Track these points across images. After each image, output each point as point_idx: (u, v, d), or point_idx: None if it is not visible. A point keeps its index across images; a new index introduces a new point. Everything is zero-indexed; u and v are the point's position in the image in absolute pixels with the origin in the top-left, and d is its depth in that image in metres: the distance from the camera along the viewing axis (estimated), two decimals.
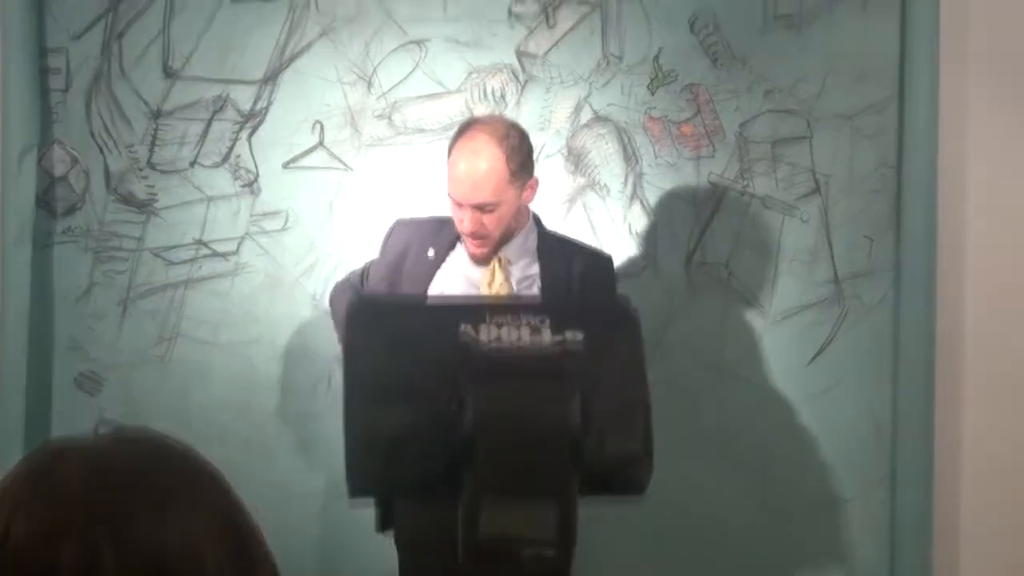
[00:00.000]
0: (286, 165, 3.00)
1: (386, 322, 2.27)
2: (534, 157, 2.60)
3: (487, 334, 2.17)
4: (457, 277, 2.60)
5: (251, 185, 3.01)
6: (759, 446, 2.97)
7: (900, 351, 2.93)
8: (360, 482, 2.22)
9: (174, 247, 3.02)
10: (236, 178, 3.01)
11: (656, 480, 2.90)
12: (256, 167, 3.01)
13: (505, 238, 2.56)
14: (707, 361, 2.96)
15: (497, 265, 2.57)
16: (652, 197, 2.96)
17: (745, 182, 2.94)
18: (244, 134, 3.00)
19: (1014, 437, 2.93)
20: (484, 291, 2.56)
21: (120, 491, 0.77)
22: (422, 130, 2.98)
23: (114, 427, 0.82)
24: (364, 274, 2.75)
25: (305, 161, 3.00)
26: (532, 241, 2.63)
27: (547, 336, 2.17)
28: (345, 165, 3.00)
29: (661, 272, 2.96)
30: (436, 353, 2.18)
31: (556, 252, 2.63)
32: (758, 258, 2.96)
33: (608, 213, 2.96)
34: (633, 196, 2.96)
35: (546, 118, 2.95)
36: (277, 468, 3.00)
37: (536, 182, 2.58)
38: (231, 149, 3.01)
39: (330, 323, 2.97)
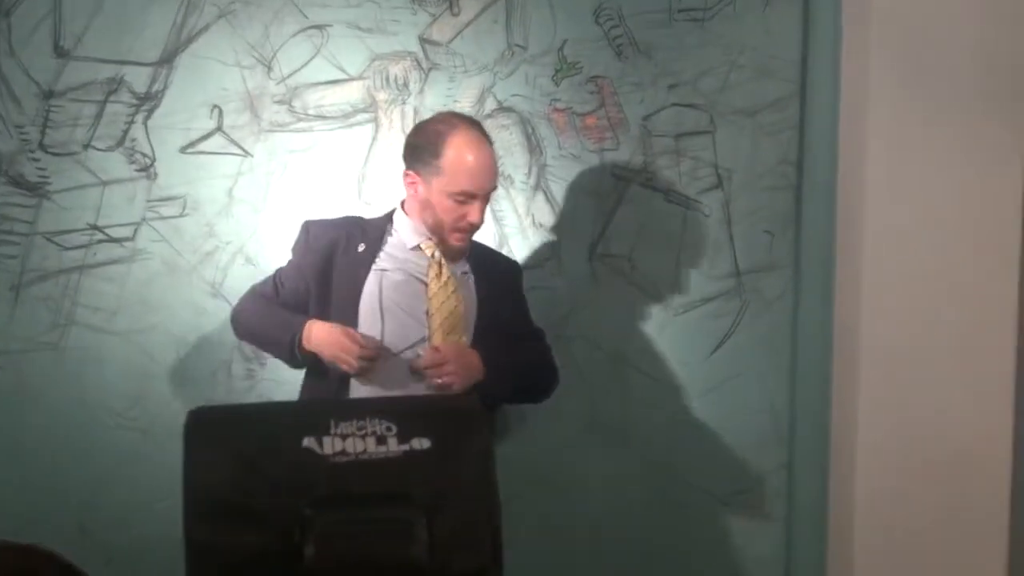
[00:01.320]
0: (183, 150, 3.00)
1: (225, 434, 2.14)
2: None
3: (331, 447, 2.08)
4: (402, 271, 2.62)
5: (147, 169, 3.00)
6: (659, 437, 3.05)
7: (798, 344, 3.03)
8: None
9: (68, 232, 3.01)
10: (132, 162, 3.00)
11: (556, 469, 3.00)
12: (152, 151, 3.00)
13: None
14: (609, 352, 3.03)
15: (443, 261, 2.62)
16: (556, 188, 3.01)
17: (648, 175, 3.00)
18: (140, 117, 2.99)
19: (908, 428, 3.04)
20: (433, 285, 2.60)
21: None
22: (323, 116, 2.99)
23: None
24: (276, 281, 2.73)
25: (203, 146, 3.00)
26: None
27: (393, 445, 2.08)
28: (244, 151, 3.00)
29: (564, 264, 3.02)
30: (278, 470, 2.08)
31: (479, 256, 2.71)
32: (660, 251, 3.02)
33: (511, 204, 3.01)
34: (537, 187, 3.00)
35: (449, 107, 2.97)
36: (173, 457, 3.01)
37: None
38: (126, 132, 3.00)
39: (228, 309, 2.99)
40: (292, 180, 3.00)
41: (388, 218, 2.69)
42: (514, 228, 3.00)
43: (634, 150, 3.00)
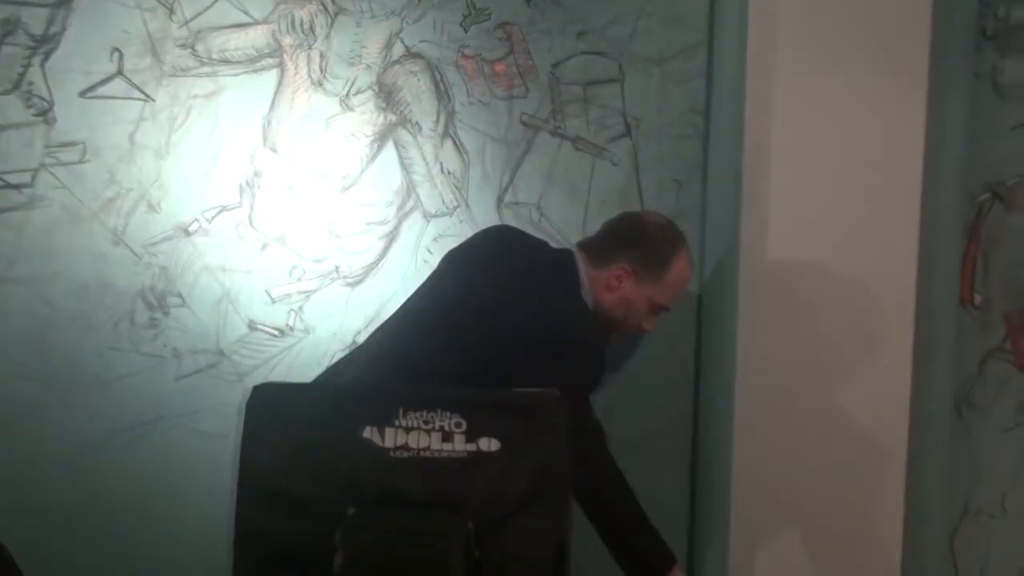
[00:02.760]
0: (83, 94, 3.00)
1: (286, 414, 2.16)
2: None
3: (393, 439, 2.07)
4: None
5: (45, 114, 3.00)
6: None
7: (705, 292, 3.12)
8: None
9: None
10: (29, 106, 2.99)
11: None
12: (51, 95, 2.99)
13: None
14: None
15: None
16: (464, 136, 3.05)
17: (557, 123, 3.06)
18: (37, 60, 2.98)
19: (811, 376, 3.16)
20: None
21: None
22: (227, 61, 3.01)
23: None
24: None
25: (103, 90, 3.00)
26: None
27: (459, 444, 2.07)
28: (146, 95, 3.01)
29: (472, 212, 3.07)
30: (331, 460, 2.09)
31: None
32: (569, 199, 3.09)
33: (420, 151, 3.05)
34: (445, 134, 3.05)
35: (356, 52, 3.00)
36: (77, 405, 3.05)
37: None
38: (23, 75, 2.98)
39: (131, 257, 3.02)
40: (196, 126, 3.01)
41: (574, 298, 2.60)
42: (422, 176, 3.05)
43: (543, 98, 3.05)
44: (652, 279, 2.64)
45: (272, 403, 2.17)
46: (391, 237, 3.05)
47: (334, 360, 2.97)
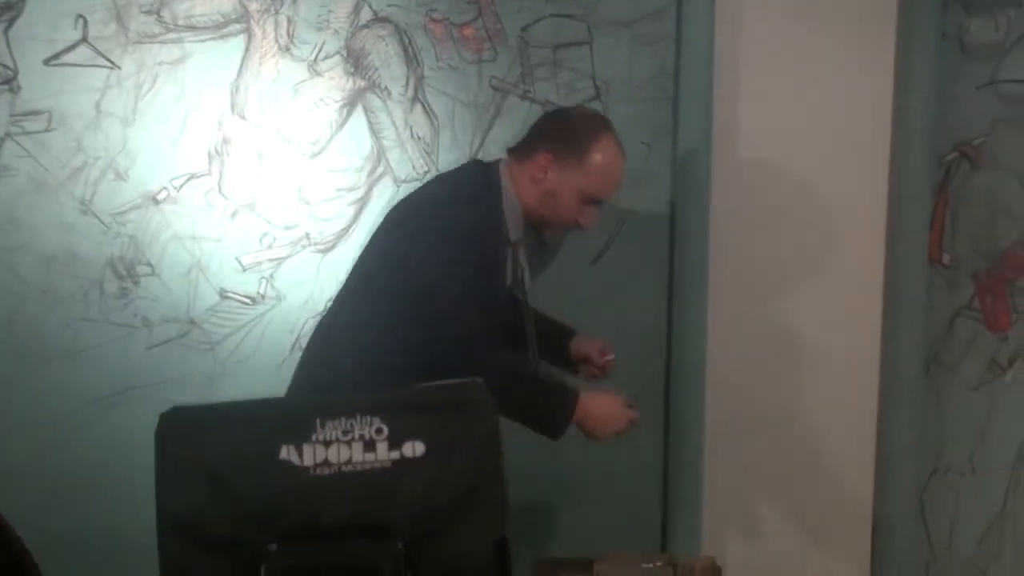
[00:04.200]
0: (47, 62, 3.02)
1: (197, 441, 2.06)
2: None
3: (312, 456, 2.00)
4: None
5: (10, 83, 3.02)
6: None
7: (676, 255, 3.19)
8: None
9: None
10: None
11: None
12: (15, 63, 3.01)
13: None
14: None
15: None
16: (434, 100, 3.10)
17: (526, 87, 3.11)
18: (0, 27, 3.00)
19: (781, 335, 3.24)
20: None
21: None
22: (193, 27, 3.03)
23: None
24: (476, 312, 2.43)
25: (68, 58, 3.02)
26: None
27: (382, 452, 2.01)
28: (112, 63, 3.03)
29: None
30: (248, 491, 2.01)
31: None
32: None
33: (389, 116, 3.09)
34: (415, 99, 3.09)
35: (324, 17, 3.04)
36: (47, 377, 3.08)
37: None
38: None
39: (99, 226, 3.05)
40: (163, 93, 3.04)
41: (497, 193, 2.56)
42: (392, 141, 3.09)
43: (512, 61, 3.10)
44: (576, 164, 2.54)
45: (183, 431, 2.08)
46: (362, 203, 3.10)
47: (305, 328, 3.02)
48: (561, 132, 2.58)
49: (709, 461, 3.26)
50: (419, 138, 3.11)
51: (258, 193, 3.08)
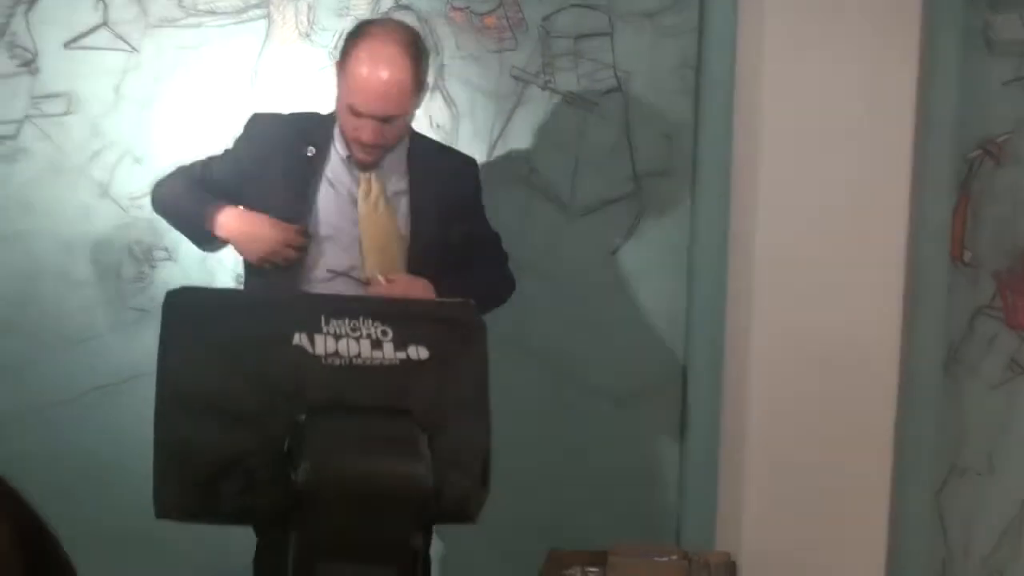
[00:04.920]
0: (67, 45, 3.04)
1: (209, 320, 2.10)
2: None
3: (324, 347, 2.04)
4: (336, 180, 2.61)
5: (29, 65, 3.04)
6: (556, 341, 3.21)
7: (695, 248, 3.20)
8: (169, 506, 2.08)
9: None
10: (12, 57, 3.04)
11: None
12: (35, 46, 3.04)
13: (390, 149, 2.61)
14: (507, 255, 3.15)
15: (373, 176, 2.61)
16: (454, 90, 3.11)
17: (547, 77, 3.12)
18: (20, 9, 3.02)
19: (800, 332, 3.24)
20: (361, 203, 2.60)
21: None
22: (213, 12, 3.05)
23: None
24: (204, 166, 2.70)
25: (88, 41, 3.05)
26: (404, 149, 2.67)
27: (389, 351, 2.06)
28: (131, 46, 3.05)
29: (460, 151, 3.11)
30: (269, 368, 2.04)
31: (424, 162, 2.68)
32: (559, 154, 3.16)
33: None
34: (435, 88, 3.10)
35: (345, 4, 3.05)
36: (62, 361, 3.11)
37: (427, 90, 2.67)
38: (6, 25, 3.03)
39: (117, 210, 3.07)
40: (182, 78, 3.06)
41: (334, 118, 2.62)
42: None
43: (533, 51, 3.11)
44: (341, 75, 2.53)
45: (192, 308, 2.12)
46: None
47: None
48: (343, 43, 2.58)
49: (724, 455, 3.26)
50: (439, 127, 3.12)
51: None
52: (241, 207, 2.59)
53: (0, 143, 3.05)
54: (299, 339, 2.03)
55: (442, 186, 2.68)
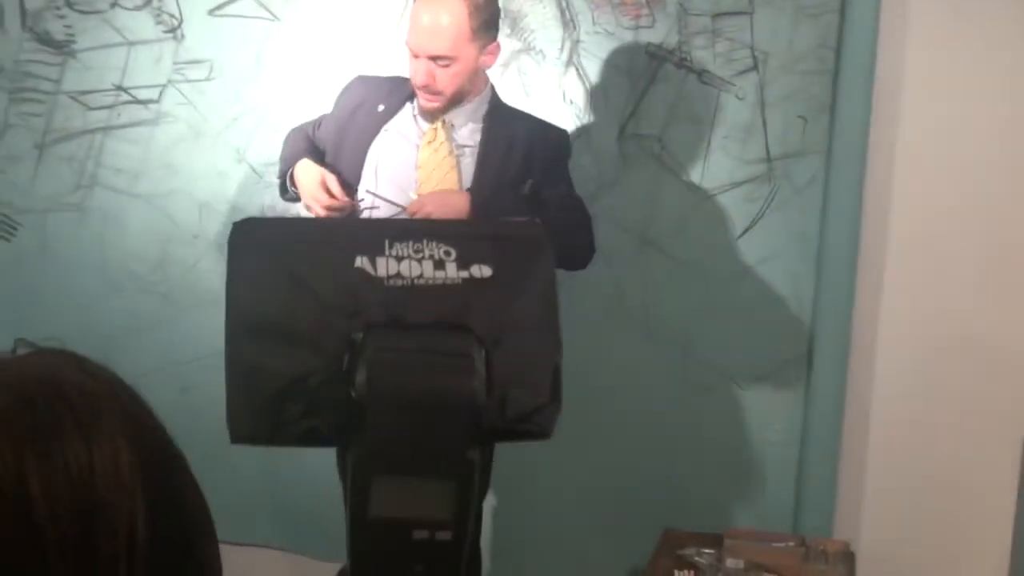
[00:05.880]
0: (212, 12, 3.13)
1: (273, 248, 2.18)
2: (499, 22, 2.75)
3: (385, 268, 2.10)
4: (400, 132, 2.75)
5: (174, 31, 3.14)
6: (682, 321, 3.22)
7: (826, 232, 3.18)
8: (240, 430, 2.19)
9: (93, 92, 3.16)
10: (159, 23, 3.14)
11: (576, 352, 3.17)
12: (180, 12, 3.13)
13: (457, 99, 2.71)
14: (634, 234, 3.18)
15: (440, 125, 2.74)
16: (588, 65, 3.13)
17: (683, 55, 3.12)
18: None
19: (931, 321, 3.21)
20: (424, 150, 2.72)
21: (44, 415, 0.76)
22: None
23: (32, 349, 0.82)
24: (317, 124, 2.89)
25: (231, 9, 3.13)
26: (482, 109, 2.78)
27: (452, 271, 2.11)
28: (273, 15, 3.13)
29: (593, 142, 3.15)
30: (328, 290, 2.11)
31: (502, 123, 2.77)
32: (691, 133, 3.16)
33: (543, 79, 3.14)
34: (569, 63, 3.13)
35: None
36: (193, 320, 3.22)
37: (497, 47, 2.74)
38: None
39: (253, 176, 3.17)
40: (321, 47, 3.12)
41: None
42: (544, 104, 3.13)
43: (670, 29, 3.11)
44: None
45: (257, 237, 2.22)
46: None
47: None
48: None
49: (846, 443, 3.25)
50: (571, 102, 3.14)
51: None
52: (307, 160, 2.75)
53: (144, 106, 3.16)
54: (360, 261, 2.09)
55: (517, 145, 2.75)
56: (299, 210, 3.10)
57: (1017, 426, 3.20)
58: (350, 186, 2.72)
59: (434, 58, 2.61)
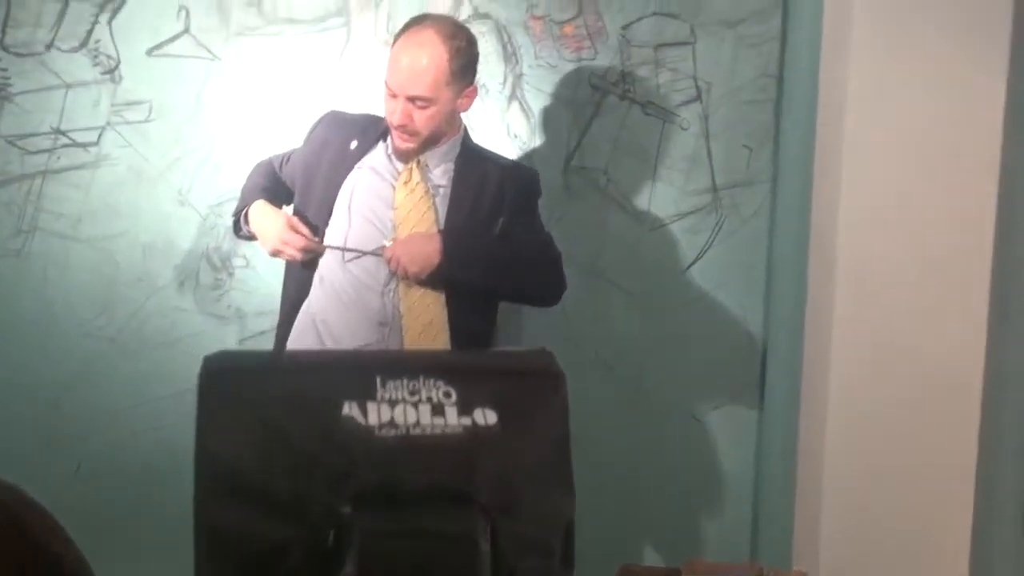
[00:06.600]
0: (150, 52, 3.11)
1: (251, 390, 2.00)
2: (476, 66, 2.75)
3: (377, 416, 1.92)
4: (374, 169, 2.74)
5: (112, 72, 3.12)
6: (633, 352, 3.22)
7: (774, 261, 3.19)
8: None
9: (30, 135, 3.13)
10: (96, 64, 3.11)
11: None
12: (118, 53, 3.11)
13: (432, 141, 2.72)
14: (583, 267, 3.17)
15: (416, 166, 2.72)
16: (531, 99, 3.14)
17: (626, 86, 3.13)
18: (104, 17, 3.10)
19: (881, 347, 3.21)
20: (400, 190, 2.71)
21: None
22: (293, 20, 3.11)
23: None
24: (285, 159, 2.88)
25: (170, 49, 3.12)
26: (455, 150, 2.78)
27: (452, 417, 1.93)
28: (212, 54, 3.11)
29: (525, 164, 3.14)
30: (313, 446, 1.90)
31: (474, 164, 2.78)
32: (637, 164, 3.16)
33: (486, 114, 3.13)
34: (512, 97, 3.13)
35: (423, 11, 3.06)
36: (140, 365, 3.18)
37: (475, 91, 2.75)
38: (90, 33, 3.10)
39: (196, 217, 3.14)
40: (262, 86, 3.11)
41: None
42: (488, 138, 3.12)
43: (612, 60, 3.12)
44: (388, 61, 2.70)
45: (232, 377, 2.00)
46: None
47: None
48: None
49: (802, 472, 3.25)
50: (515, 136, 3.14)
51: None
52: (263, 201, 2.76)
53: (84, 149, 3.13)
54: (349, 408, 1.92)
55: (488, 185, 2.76)
56: (250, 250, 3.11)
57: (970, 448, 3.21)
58: (314, 226, 2.72)
59: (412, 99, 2.62)
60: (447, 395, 1.93)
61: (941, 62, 3.09)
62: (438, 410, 1.92)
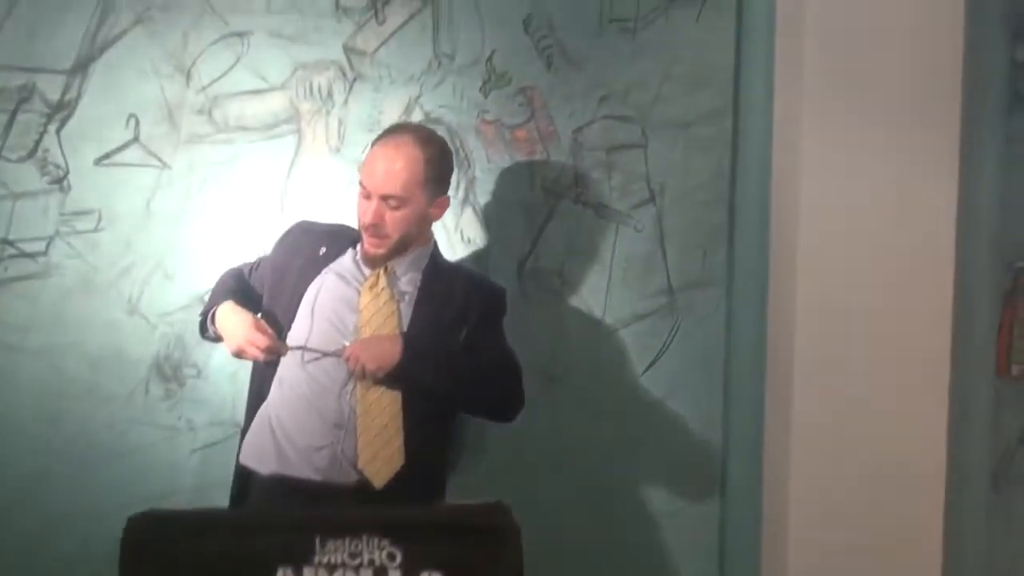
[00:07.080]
0: (98, 161, 3.09)
1: (176, 559, 1.82)
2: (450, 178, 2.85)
3: None
4: (340, 273, 2.78)
5: (61, 182, 3.09)
6: (592, 456, 3.19)
7: (732, 362, 3.17)
8: None
9: None
10: (44, 174, 3.09)
11: (486, 490, 3.11)
12: (66, 162, 3.09)
13: (402, 247, 2.76)
14: (539, 371, 3.15)
15: (383, 272, 2.76)
16: (485, 203, 3.13)
17: (579, 189, 3.13)
18: (53, 127, 3.08)
19: (842, 445, 3.20)
20: (366, 295, 2.74)
21: None
22: (244, 128, 3.10)
23: None
24: (255, 266, 2.93)
25: (119, 157, 3.10)
26: (424, 260, 2.82)
27: None
28: (162, 162, 3.10)
29: (493, 280, 3.13)
30: None
31: (441, 274, 2.82)
32: (592, 267, 3.16)
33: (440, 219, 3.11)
34: (465, 201, 3.12)
35: (375, 118, 3.08)
36: (90, 479, 3.12)
37: (447, 201, 2.81)
38: (38, 142, 3.08)
39: (146, 327, 3.11)
40: (213, 193, 3.09)
41: None
42: (442, 243, 3.11)
43: (565, 164, 3.12)
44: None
45: (157, 542, 1.83)
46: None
47: None
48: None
49: (765, 573, 3.22)
50: (469, 241, 3.13)
51: None
52: (232, 303, 2.79)
53: (32, 259, 3.10)
54: (284, 574, 1.77)
55: (455, 295, 2.80)
56: (201, 359, 3.07)
57: (934, 552, 3.19)
58: (280, 327, 2.75)
59: (386, 198, 2.68)
60: (391, 557, 1.78)
61: (891, 155, 3.11)
62: (381, 573, 1.76)
